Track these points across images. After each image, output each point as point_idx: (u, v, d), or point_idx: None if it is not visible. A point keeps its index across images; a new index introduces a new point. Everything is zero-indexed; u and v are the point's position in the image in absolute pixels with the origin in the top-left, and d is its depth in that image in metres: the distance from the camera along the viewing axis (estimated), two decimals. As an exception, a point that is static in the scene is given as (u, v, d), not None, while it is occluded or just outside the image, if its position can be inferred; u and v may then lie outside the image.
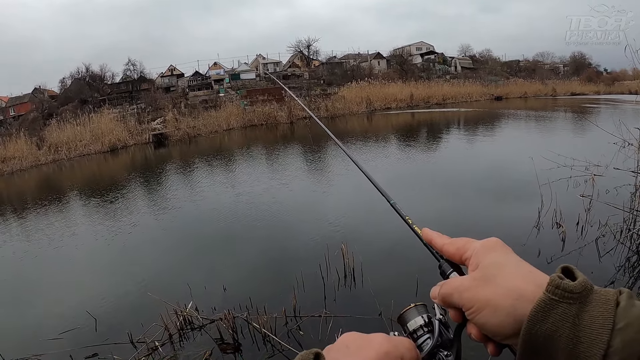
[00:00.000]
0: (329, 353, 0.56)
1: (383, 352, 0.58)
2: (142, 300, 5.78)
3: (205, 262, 7.21)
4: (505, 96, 49.63)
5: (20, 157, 28.75)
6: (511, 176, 10.70)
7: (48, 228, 10.80)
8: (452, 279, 0.65)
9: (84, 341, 4.96)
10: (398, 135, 22.80)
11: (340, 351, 0.58)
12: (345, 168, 13.27)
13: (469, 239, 0.67)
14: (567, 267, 0.54)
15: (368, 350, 0.58)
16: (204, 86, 50.61)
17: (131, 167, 22.06)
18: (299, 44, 61.76)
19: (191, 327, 5.06)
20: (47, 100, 44.58)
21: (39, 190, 19.06)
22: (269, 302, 5.05)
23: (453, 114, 33.69)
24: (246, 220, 9.15)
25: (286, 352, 4.35)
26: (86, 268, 7.82)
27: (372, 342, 0.59)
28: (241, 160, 19.16)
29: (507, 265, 0.59)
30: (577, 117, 25.22)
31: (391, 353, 0.59)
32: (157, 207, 11.64)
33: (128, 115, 38.14)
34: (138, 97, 44.68)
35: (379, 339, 0.60)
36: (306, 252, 6.94)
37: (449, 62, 64.34)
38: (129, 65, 49.65)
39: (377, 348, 0.58)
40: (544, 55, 70.34)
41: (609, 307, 0.49)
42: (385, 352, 0.58)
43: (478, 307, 0.57)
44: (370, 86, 45.44)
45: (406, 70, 54.79)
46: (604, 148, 7.76)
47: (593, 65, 69.28)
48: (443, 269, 0.70)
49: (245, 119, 36.57)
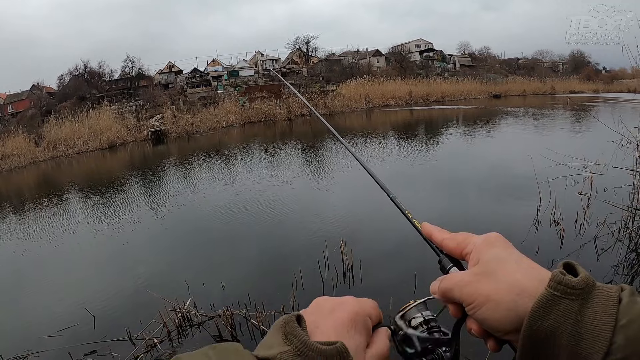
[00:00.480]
0: (306, 315, 0.58)
1: (354, 311, 0.61)
2: (140, 297, 5.77)
3: (204, 259, 7.20)
4: (504, 94, 49.71)
5: (18, 154, 28.75)
6: (509, 173, 10.71)
7: (46, 225, 10.78)
8: (452, 274, 0.64)
9: (82, 338, 4.95)
10: (397, 133, 22.78)
11: (316, 313, 0.61)
12: (343, 165, 13.27)
13: (469, 234, 0.67)
14: (569, 263, 0.54)
15: (341, 311, 0.61)
16: (202, 83, 50.53)
17: (129, 164, 22.06)
18: (297, 40, 61.85)
19: (190, 324, 5.06)
20: (45, 97, 44.47)
21: (38, 187, 19.04)
22: (267, 299, 5.06)
23: (452, 112, 33.68)
24: (244, 217, 9.15)
25: (285, 349, 4.34)
26: (84, 265, 7.81)
27: (343, 304, 0.62)
28: (239, 157, 19.13)
29: (509, 260, 0.58)
30: (575, 115, 25.23)
31: (360, 312, 0.62)
32: (155, 204, 11.63)
33: (126, 112, 38.13)
34: (136, 93, 44.64)
35: (349, 300, 0.64)
36: (304, 248, 6.95)
37: (447, 60, 64.28)
38: (127, 62, 49.56)
39: (348, 308, 0.61)
40: (542, 54, 70.47)
41: (611, 303, 0.48)
42: (356, 311, 0.61)
43: (479, 302, 0.57)
44: (368, 83, 45.36)
45: (405, 67, 54.77)
46: (602, 146, 7.79)
47: (592, 64, 69.44)
48: (443, 263, 0.69)
49: (244, 116, 36.58)
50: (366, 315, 0.62)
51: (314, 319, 0.59)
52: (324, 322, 0.59)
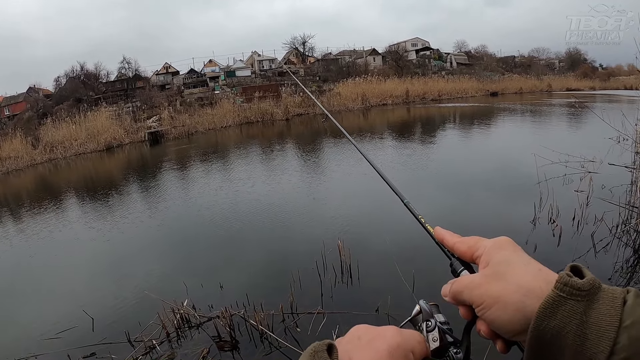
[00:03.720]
0: (340, 344, 0.57)
1: (395, 344, 0.58)
2: (139, 299, 5.77)
3: (202, 260, 7.19)
4: (501, 92, 49.90)
5: (15, 156, 28.66)
6: (507, 171, 10.73)
7: (44, 228, 10.75)
8: (463, 277, 0.66)
9: (81, 341, 4.94)
10: (394, 132, 22.78)
11: (352, 343, 0.59)
12: (340, 165, 13.29)
13: (479, 238, 0.68)
14: (576, 266, 0.55)
15: (380, 342, 0.58)
16: (199, 84, 50.67)
17: (127, 165, 22.00)
18: (294, 40, 61.93)
19: (188, 325, 5.05)
20: (42, 100, 44.45)
21: (35, 190, 18.99)
22: (265, 299, 5.06)
23: (449, 110, 33.72)
24: (242, 218, 9.13)
25: (283, 349, 4.35)
26: (83, 267, 7.79)
27: (383, 335, 0.60)
28: (237, 158, 19.09)
29: (517, 263, 0.60)
30: (572, 112, 25.28)
31: (402, 345, 0.59)
32: (152, 206, 11.61)
33: (123, 113, 38.07)
34: (133, 95, 44.72)
35: (391, 331, 0.61)
36: (302, 249, 6.94)
37: (444, 58, 64.45)
38: (123, 63, 49.71)
39: (389, 340, 0.59)
40: (539, 51, 70.74)
41: (616, 304, 0.49)
42: (397, 344, 0.59)
43: (488, 303, 0.58)
44: (365, 82, 45.40)
45: (402, 66, 54.93)
46: (599, 143, 7.81)
47: (588, 61, 69.67)
48: (454, 267, 0.70)
49: (241, 116, 36.56)
50: (409, 350, 0.60)
51: (348, 349, 0.57)
52: (358, 354, 0.57)
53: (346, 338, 0.60)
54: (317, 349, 0.52)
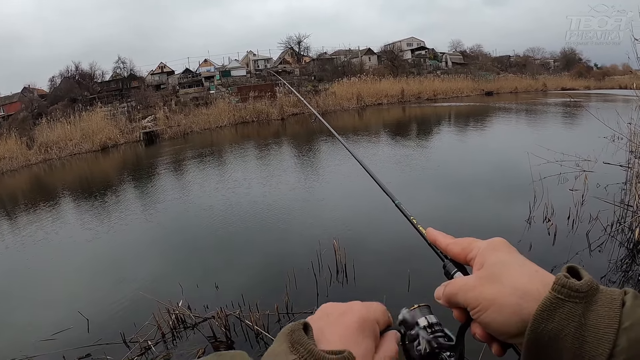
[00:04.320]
0: (312, 322, 0.58)
1: (362, 317, 0.60)
2: (134, 299, 5.75)
3: (197, 260, 7.18)
4: (496, 91, 49.94)
5: (10, 157, 28.44)
6: (502, 171, 10.77)
7: (38, 229, 10.69)
8: (457, 279, 0.65)
9: (76, 342, 4.92)
10: (389, 131, 22.80)
11: (322, 319, 0.60)
12: (336, 165, 13.29)
13: (473, 239, 0.67)
14: (573, 267, 0.54)
15: (349, 317, 0.60)
16: (194, 83, 50.54)
17: (122, 166, 21.91)
18: (289, 40, 61.89)
19: (184, 326, 5.04)
20: (36, 100, 44.15)
21: (30, 190, 18.87)
22: (261, 299, 5.04)
23: (444, 110, 33.78)
24: (237, 218, 9.11)
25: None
26: (77, 268, 7.76)
27: (350, 309, 0.61)
28: (232, 157, 19.06)
29: (513, 264, 0.59)
30: (567, 111, 25.39)
31: (369, 318, 0.61)
32: (147, 206, 11.57)
33: (118, 113, 37.89)
34: (128, 95, 44.52)
35: (357, 306, 0.62)
36: (298, 249, 6.93)
37: (439, 58, 64.53)
38: (118, 63, 49.45)
39: (356, 314, 0.60)
40: (534, 51, 70.88)
41: (614, 306, 0.49)
42: (363, 316, 0.60)
43: (483, 305, 0.57)
44: (361, 82, 45.38)
45: (397, 66, 54.94)
46: (593, 142, 7.84)
47: (583, 61, 69.86)
48: (447, 268, 0.69)
49: (237, 116, 36.44)
50: (374, 320, 0.61)
51: (321, 326, 0.58)
52: (330, 329, 0.58)
53: (316, 315, 0.61)
54: (294, 328, 0.53)
